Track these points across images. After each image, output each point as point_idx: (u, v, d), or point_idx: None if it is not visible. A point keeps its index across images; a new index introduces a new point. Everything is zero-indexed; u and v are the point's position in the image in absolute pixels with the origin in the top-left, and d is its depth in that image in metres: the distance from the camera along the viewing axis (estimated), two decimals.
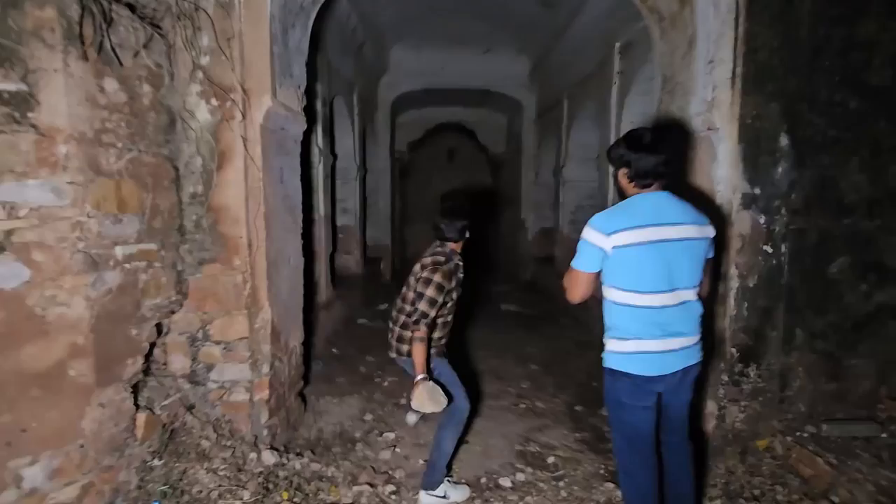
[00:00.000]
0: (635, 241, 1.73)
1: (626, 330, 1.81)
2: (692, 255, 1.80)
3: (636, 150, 1.79)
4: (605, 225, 1.77)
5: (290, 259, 3.13)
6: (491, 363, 4.77)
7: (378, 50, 7.61)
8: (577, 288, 1.86)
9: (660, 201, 1.80)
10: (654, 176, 1.80)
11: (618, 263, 1.77)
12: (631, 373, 1.81)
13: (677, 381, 1.86)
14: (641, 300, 1.77)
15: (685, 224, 1.79)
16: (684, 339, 1.83)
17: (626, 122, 5.18)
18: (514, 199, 9.53)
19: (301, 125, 3.27)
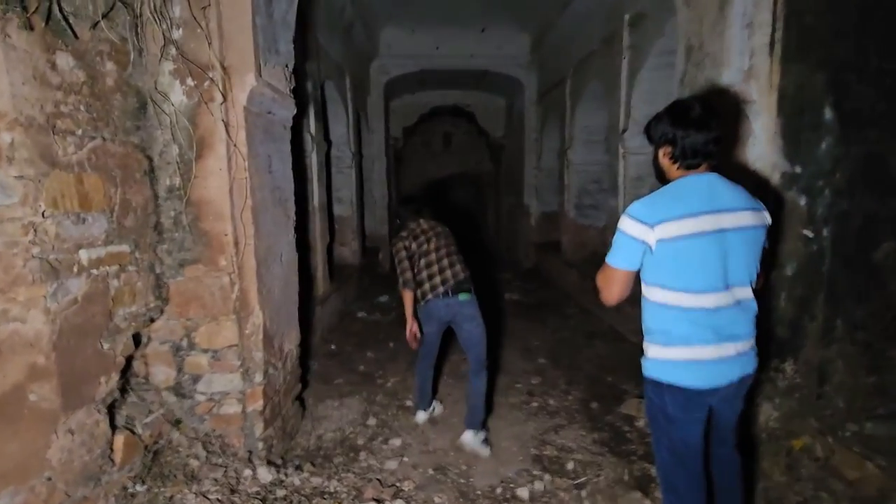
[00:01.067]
0: (687, 233, 1.46)
1: (673, 334, 1.55)
2: (750, 246, 1.54)
3: (683, 126, 1.52)
4: (647, 214, 1.49)
5: (282, 255, 2.86)
6: (496, 356, 4.53)
7: (368, 31, 7.24)
8: (613, 288, 1.59)
9: (712, 184, 1.53)
10: (703, 156, 1.53)
11: (664, 259, 1.50)
12: (681, 385, 1.55)
13: (732, 393, 1.62)
14: (694, 301, 1.50)
15: (742, 210, 1.53)
16: (740, 344, 1.57)
17: (636, 101, 4.89)
18: (516, 184, 9.24)
19: (290, 108, 2.97)
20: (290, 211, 3.01)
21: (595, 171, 6.73)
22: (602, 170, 6.34)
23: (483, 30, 8.01)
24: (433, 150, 11.35)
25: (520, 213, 9.09)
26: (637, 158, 5.03)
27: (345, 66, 6.32)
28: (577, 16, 6.21)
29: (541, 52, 7.84)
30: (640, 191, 5.09)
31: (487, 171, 11.22)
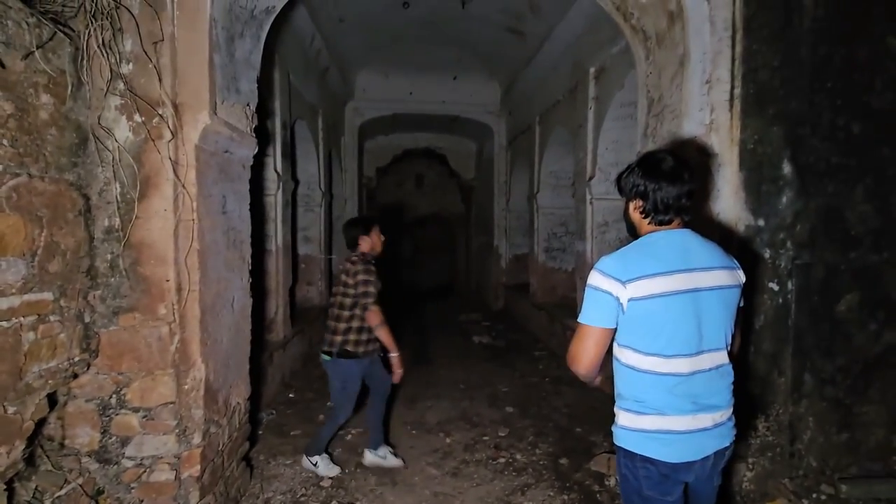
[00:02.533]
0: (659, 292, 1.34)
1: (646, 402, 1.41)
2: (726, 306, 1.43)
3: (655, 179, 1.41)
4: (620, 270, 1.36)
5: (233, 302, 2.63)
6: (462, 406, 4.31)
7: (343, 75, 7.27)
8: (589, 348, 1.40)
9: (686, 241, 1.42)
10: (676, 210, 1.42)
11: (636, 319, 1.37)
12: (654, 458, 1.40)
13: (710, 467, 1.46)
14: (667, 366, 1.37)
15: (717, 269, 1.42)
16: (718, 414, 1.42)
17: (602, 149, 4.95)
18: (486, 226, 9.23)
19: (250, 148, 2.82)
20: (245, 254, 2.81)
21: (562, 215, 6.76)
22: (569, 214, 6.36)
23: (455, 77, 8.17)
24: (406, 190, 11.32)
25: (490, 255, 9.04)
26: (602, 204, 5.04)
27: (319, 107, 6.26)
28: (543, 68, 6.38)
29: (510, 100, 8.00)
30: (606, 235, 5.09)
31: (458, 212, 11.22)
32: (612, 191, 5.34)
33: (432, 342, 6.52)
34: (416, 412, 4.16)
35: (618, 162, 4.98)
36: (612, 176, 5.27)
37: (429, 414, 4.14)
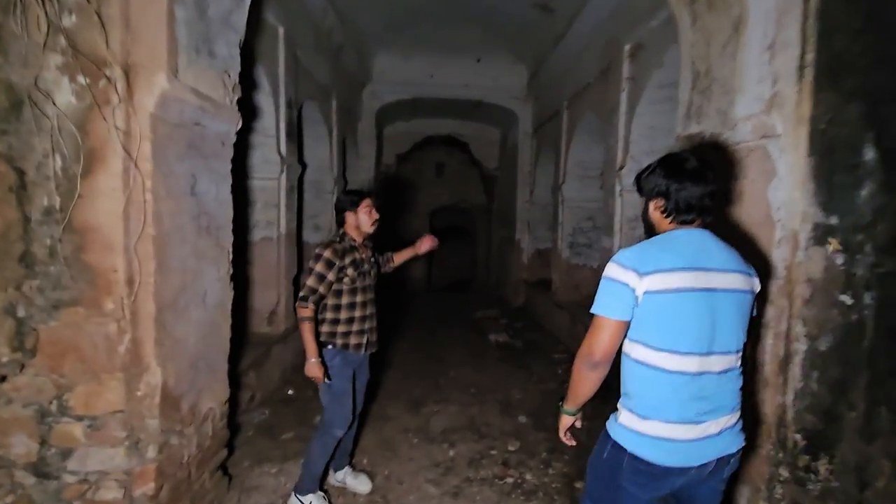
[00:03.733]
0: (676, 287, 1.31)
1: (651, 406, 1.38)
2: (739, 311, 1.40)
3: (678, 179, 1.39)
4: (638, 262, 1.33)
5: (205, 296, 2.32)
6: (471, 413, 3.94)
7: (360, 56, 6.91)
8: (602, 340, 1.36)
9: (704, 241, 1.40)
10: (698, 210, 1.40)
11: (650, 313, 1.34)
12: (647, 459, 1.36)
13: (707, 473, 1.39)
14: (678, 364, 1.34)
15: (733, 272, 1.39)
16: (724, 418, 1.39)
17: (636, 136, 4.45)
18: (508, 218, 8.79)
19: (231, 122, 2.49)
20: (224, 241, 2.50)
21: (590, 209, 6.27)
22: (597, 207, 5.88)
23: (479, 60, 7.72)
24: (426, 179, 10.94)
25: (511, 249, 8.60)
26: (633, 197, 4.55)
27: (332, 88, 5.93)
28: (573, 47, 5.88)
29: (536, 84, 7.50)
30: (636, 231, 4.60)
31: (480, 203, 10.79)
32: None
33: (445, 339, 6.17)
34: (421, 418, 3.82)
35: (652, 150, 4.48)
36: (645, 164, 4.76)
37: (434, 420, 3.79)
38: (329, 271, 2.39)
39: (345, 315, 2.47)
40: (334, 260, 2.40)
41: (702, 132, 2.49)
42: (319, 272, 2.37)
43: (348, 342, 2.49)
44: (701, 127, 2.50)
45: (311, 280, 2.37)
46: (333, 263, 2.39)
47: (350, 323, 2.48)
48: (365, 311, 2.54)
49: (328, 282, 2.39)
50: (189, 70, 2.05)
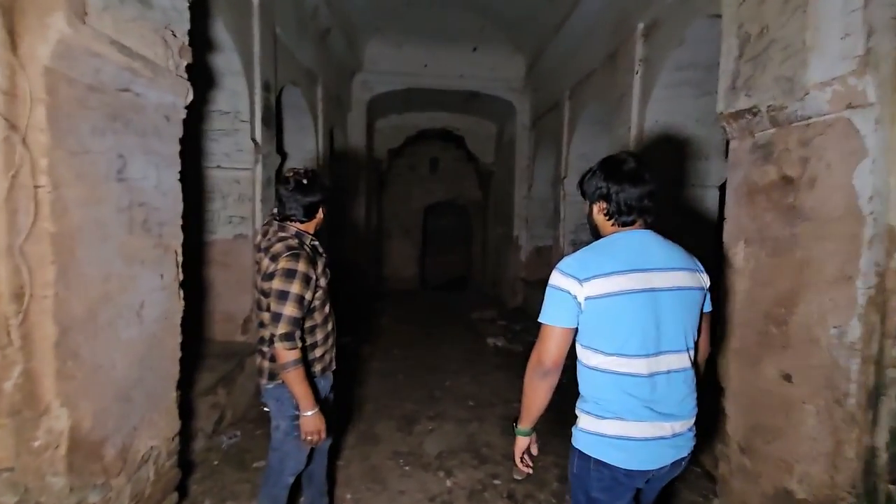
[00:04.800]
0: (615, 290, 1.30)
1: (605, 404, 1.36)
2: (686, 309, 1.37)
3: (617, 181, 1.38)
4: (578, 269, 1.33)
5: (141, 308, 1.82)
6: (470, 431, 3.46)
7: (349, 42, 6.38)
8: (549, 349, 1.34)
9: (645, 241, 1.38)
10: (638, 211, 1.39)
11: (594, 318, 1.33)
12: (610, 463, 1.35)
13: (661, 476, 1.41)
14: (626, 366, 1.32)
15: (676, 270, 1.36)
16: (679, 423, 1.37)
17: (650, 122, 3.98)
18: (505, 215, 8.31)
19: (178, 93, 1.98)
20: (168, 240, 1.99)
21: None
22: None
23: (475, 49, 7.22)
24: (419, 175, 10.43)
25: (508, 246, 8.13)
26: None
27: (318, 73, 5.41)
28: (576, 32, 5.40)
29: (535, 75, 7.02)
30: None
31: (476, 199, 10.30)
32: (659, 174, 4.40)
33: (440, 344, 5.68)
34: (413, 438, 3.34)
35: (669, 138, 4.02)
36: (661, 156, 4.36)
37: (428, 441, 3.31)
38: (308, 290, 1.76)
39: (320, 335, 1.95)
40: (311, 273, 1.78)
41: (754, 107, 2.02)
42: (298, 294, 1.72)
43: (324, 366, 2.00)
44: (753, 100, 2.03)
45: (289, 307, 1.70)
46: (310, 278, 1.77)
47: (326, 342, 1.98)
48: (333, 321, 2.04)
49: (307, 303, 1.78)
50: (106, 16, 1.54)
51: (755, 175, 2.10)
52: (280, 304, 1.70)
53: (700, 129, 4.04)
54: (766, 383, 2.00)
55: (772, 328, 1.96)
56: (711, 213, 4.21)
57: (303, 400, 1.76)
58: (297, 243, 1.81)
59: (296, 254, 1.75)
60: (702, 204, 4.18)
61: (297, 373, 1.72)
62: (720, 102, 2.31)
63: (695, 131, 4.04)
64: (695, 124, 4.03)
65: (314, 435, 1.81)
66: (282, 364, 1.71)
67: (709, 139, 4.07)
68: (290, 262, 1.73)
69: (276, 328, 1.69)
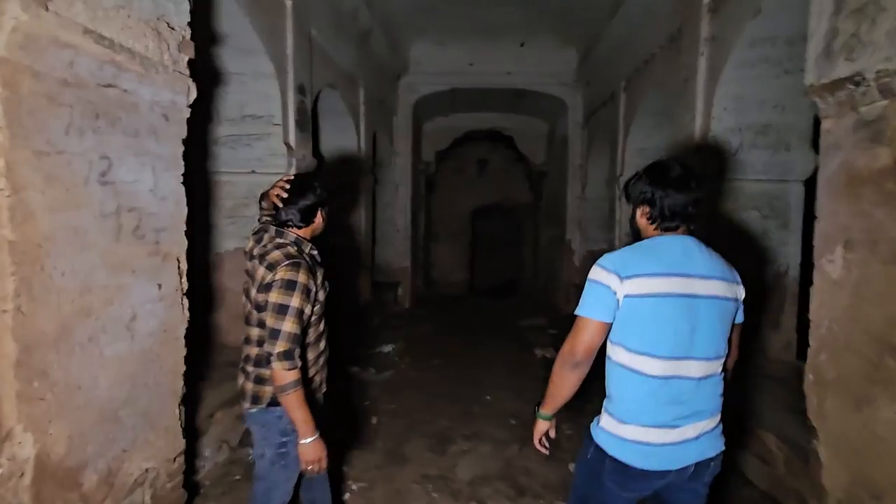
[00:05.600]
0: (656, 292, 1.29)
1: (629, 410, 1.35)
2: (721, 318, 1.35)
3: (662, 186, 1.37)
4: (620, 266, 1.31)
5: (131, 321, 1.68)
6: (508, 455, 3.11)
7: (393, 44, 6.25)
8: (583, 341, 1.32)
9: (687, 247, 1.35)
10: (682, 217, 1.37)
11: (630, 316, 1.31)
12: (626, 462, 1.33)
13: (688, 478, 1.36)
14: (656, 368, 1.31)
15: (715, 279, 1.34)
16: (703, 423, 1.36)
17: (718, 109, 3.47)
18: (557, 217, 7.85)
19: (176, 90, 1.84)
20: (167, 247, 1.85)
21: None
22: None
23: (522, 44, 6.85)
24: (468, 177, 10.15)
25: (560, 250, 7.66)
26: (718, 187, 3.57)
27: (358, 76, 5.31)
28: (631, 18, 4.92)
29: (587, 67, 6.54)
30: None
31: (526, 201, 9.87)
32: (732, 168, 3.85)
33: (483, 354, 5.35)
34: (445, 460, 3.05)
35: (740, 127, 3.48)
36: (734, 146, 3.80)
37: (462, 465, 3.01)
38: (307, 304, 1.59)
39: (312, 354, 1.74)
40: (311, 285, 1.60)
41: (858, 74, 1.56)
42: (299, 308, 1.54)
43: (315, 385, 1.80)
44: (857, 66, 1.58)
45: (289, 323, 1.52)
46: (310, 290, 1.60)
47: (317, 362, 1.78)
48: (326, 339, 1.83)
49: (305, 318, 1.60)
50: (78, 2, 1.39)
51: (860, 160, 1.63)
52: (279, 319, 1.52)
53: (779, 115, 3.47)
54: (882, 429, 1.53)
55: (889, 360, 1.49)
56: (795, 212, 3.61)
57: (302, 426, 1.57)
58: (297, 251, 1.64)
59: (296, 263, 1.57)
60: (783, 202, 3.60)
61: (296, 395, 1.53)
62: (810, 73, 1.85)
63: (773, 117, 3.47)
64: (772, 110, 3.47)
65: (315, 464, 1.63)
66: (280, 386, 1.53)
67: (790, 126, 3.49)
68: (291, 272, 1.55)
69: (274, 346, 1.51)
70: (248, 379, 1.67)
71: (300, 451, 1.60)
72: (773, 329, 3.68)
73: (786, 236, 3.62)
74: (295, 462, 1.71)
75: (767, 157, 3.51)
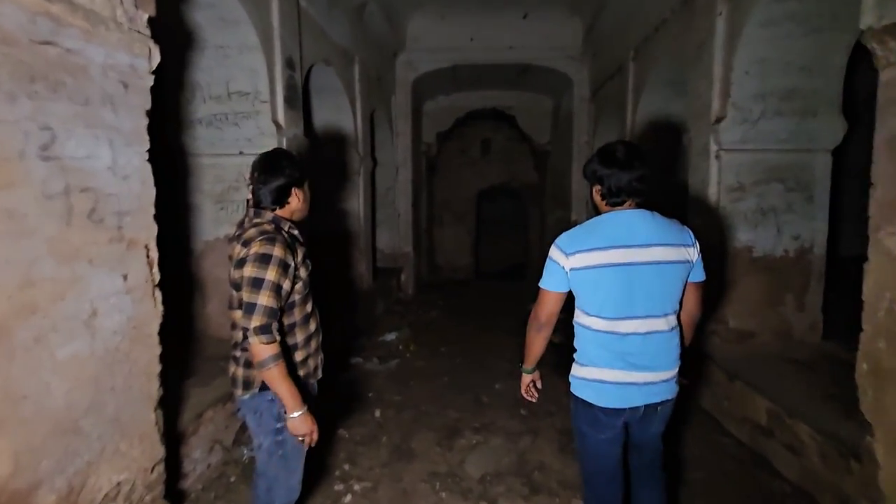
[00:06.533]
0: (593, 264, 1.51)
1: (586, 354, 1.61)
2: (665, 279, 1.54)
3: (608, 166, 1.55)
4: (567, 245, 1.54)
5: (91, 318, 1.46)
6: (521, 447, 2.91)
7: (390, 19, 5.92)
8: (546, 306, 1.61)
9: (632, 221, 1.54)
10: (627, 193, 1.54)
11: (577, 285, 1.56)
12: (590, 402, 1.60)
13: (641, 416, 1.61)
14: (605, 326, 1.54)
15: (658, 246, 1.53)
16: (652, 374, 1.57)
17: (739, 74, 3.17)
18: (563, 197, 7.58)
19: (138, 53, 1.59)
20: (132, 233, 1.62)
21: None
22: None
23: (525, 16, 6.50)
24: (471, 158, 9.84)
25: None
26: (737, 158, 3.30)
27: (354, 52, 5.01)
28: None
29: (594, 38, 6.19)
30: (741, 205, 3.35)
31: (531, 181, 9.57)
32: (754, 137, 3.56)
33: (491, 341, 5.14)
34: (454, 455, 2.86)
35: (764, 93, 3.20)
36: (755, 115, 3.50)
37: (471, 460, 2.82)
38: (285, 278, 1.53)
39: (301, 336, 1.68)
40: (288, 260, 1.54)
41: None
42: (275, 282, 1.48)
43: (308, 372, 1.72)
44: None
45: (264, 296, 1.46)
46: (288, 266, 1.54)
47: (308, 344, 1.71)
48: (317, 321, 1.77)
49: (284, 294, 1.55)
50: None
51: None
52: (254, 292, 1.46)
53: (806, 78, 3.18)
54: None
55: None
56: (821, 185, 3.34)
57: (288, 400, 1.51)
58: (274, 229, 1.58)
59: (271, 237, 1.52)
60: (808, 173, 3.32)
61: (278, 370, 1.47)
62: (867, 13, 1.58)
63: (799, 81, 3.18)
64: (798, 73, 3.18)
65: (307, 436, 1.58)
66: (260, 361, 1.46)
67: (817, 90, 3.20)
68: (265, 245, 1.49)
69: (250, 321, 1.45)
70: (237, 364, 1.61)
71: (290, 426, 1.54)
72: (798, 309, 3.44)
73: (811, 210, 3.35)
74: (295, 453, 1.66)
75: (793, 124, 3.23)
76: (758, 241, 3.35)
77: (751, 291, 3.39)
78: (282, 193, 1.60)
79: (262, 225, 1.56)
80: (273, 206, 1.60)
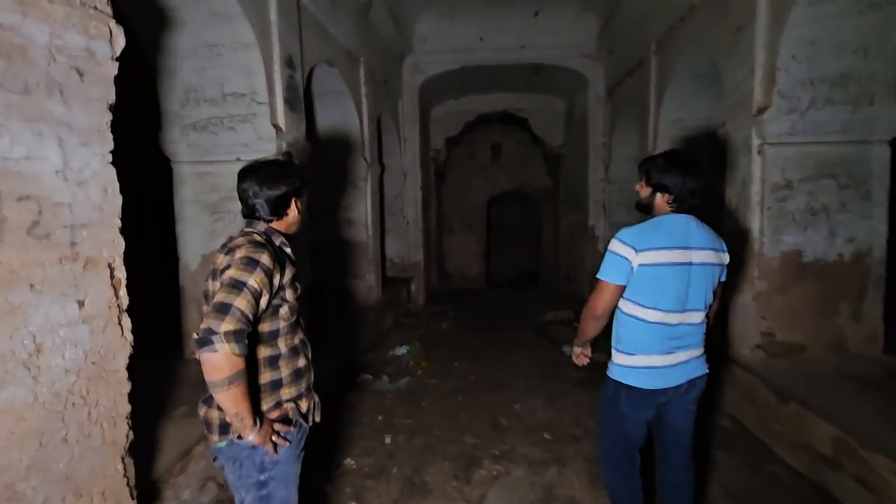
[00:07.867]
0: (663, 262, 1.65)
1: (635, 345, 1.73)
2: (708, 279, 1.73)
3: (682, 173, 1.68)
4: (636, 240, 1.65)
5: (34, 356, 1.18)
6: (548, 479, 2.58)
7: (396, 20, 5.69)
8: (605, 298, 1.72)
9: (688, 224, 1.71)
10: (691, 199, 1.70)
11: (642, 280, 1.67)
12: (637, 386, 1.73)
13: (682, 393, 1.78)
14: (659, 317, 1.69)
15: (706, 249, 1.71)
16: (691, 351, 1.77)
17: (786, 58, 2.85)
18: (578, 201, 7.26)
19: (96, 34, 1.33)
20: (89, 250, 1.34)
21: None
22: None
23: (536, 13, 6.24)
24: (481, 163, 9.55)
25: (583, 237, 7.07)
26: (784, 152, 2.97)
27: (359, 54, 4.77)
28: None
29: (610, 34, 5.90)
30: (788, 204, 3.01)
31: (544, 186, 9.26)
32: (803, 128, 3.22)
33: (508, 354, 4.81)
34: (472, 489, 2.54)
35: (813, 79, 2.87)
36: (803, 104, 3.16)
37: (492, 496, 2.49)
38: (267, 291, 1.30)
39: (286, 371, 1.41)
40: (275, 273, 1.32)
41: None
42: (256, 289, 1.25)
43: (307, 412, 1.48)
44: None
45: (242, 301, 1.21)
46: (272, 277, 1.31)
47: (297, 381, 1.44)
48: (308, 358, 1.50)
49: (259, 311, 1.29)
50: None
51: None
52: (231, 293, 1.20)
53: (861, 61, 2.85)
54: None
55: None
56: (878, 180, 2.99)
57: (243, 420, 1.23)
58: (265, 240, 1.38)
59: (260, 245, 1.32)
60: (864, 168, 2.98)
61: (238, 390, 1.20)
62: None
63: (853, 65, 2.85)
64: (852, 55, 2.85)
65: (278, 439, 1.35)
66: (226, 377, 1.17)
67: (873, 75, 2.87)
68: (253, 251, 1.29)
69: (221, 322, 1.16)
70: (210, 406, 1.35)
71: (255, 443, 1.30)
72: (854, 320, 3.08)
73: (867, 209, 3.00)
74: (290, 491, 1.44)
75: (846, 113, 2.90)
76: (808, 244, 3.00)
77: (800, 300, 3.04)
78: (281, 204, 1.42)
79: (253, 235, 1.38)
80: (270, 218, 1.43)
